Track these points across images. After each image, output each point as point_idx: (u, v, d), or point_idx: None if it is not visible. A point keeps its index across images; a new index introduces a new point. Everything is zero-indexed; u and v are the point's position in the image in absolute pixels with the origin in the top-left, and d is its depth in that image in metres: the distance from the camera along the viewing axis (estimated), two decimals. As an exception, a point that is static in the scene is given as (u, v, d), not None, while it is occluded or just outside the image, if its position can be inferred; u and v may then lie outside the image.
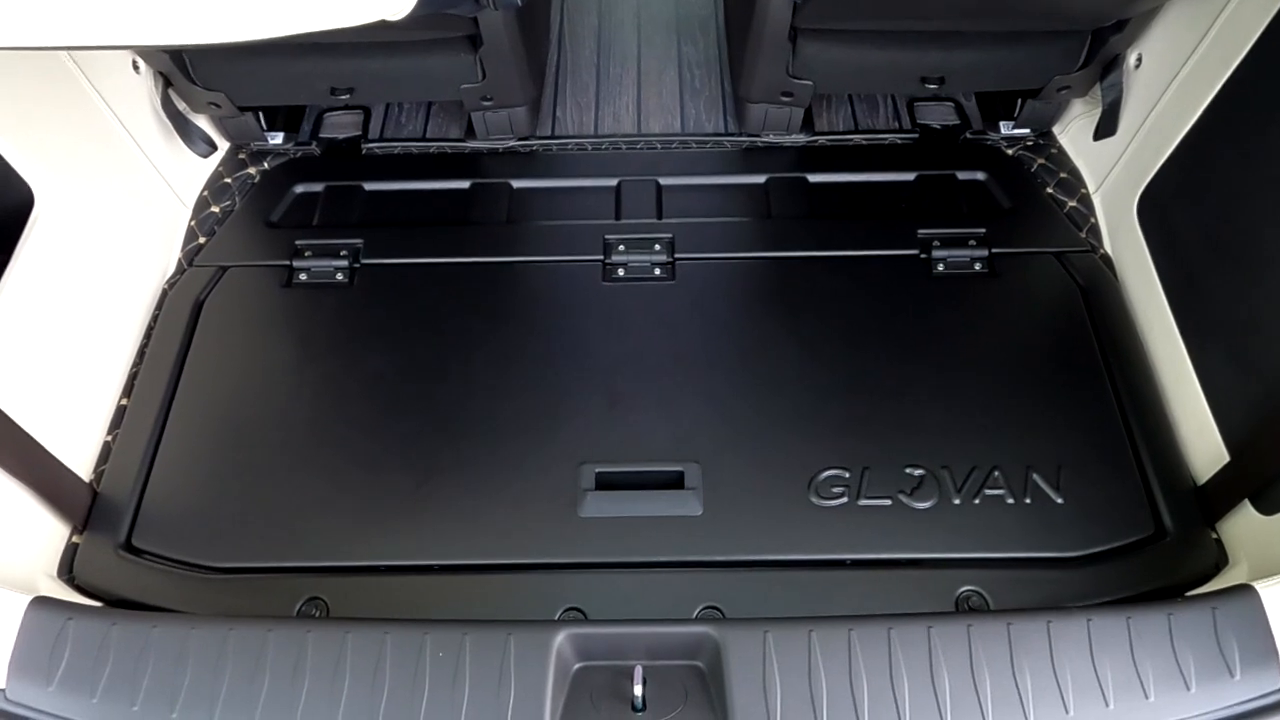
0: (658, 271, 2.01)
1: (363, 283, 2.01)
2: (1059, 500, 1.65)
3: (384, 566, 1.62)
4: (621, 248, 2.03)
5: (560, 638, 1.33)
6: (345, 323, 1.94)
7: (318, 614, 1.56)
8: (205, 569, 1.61)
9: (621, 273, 2.01)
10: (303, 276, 2.02)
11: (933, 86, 2.10)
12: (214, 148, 2.21)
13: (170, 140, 2.14)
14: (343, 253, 2.03)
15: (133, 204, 2.01)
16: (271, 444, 1.76)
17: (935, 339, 1.88)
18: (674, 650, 1.36)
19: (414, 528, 1.66)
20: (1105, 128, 2.05)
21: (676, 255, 2.03)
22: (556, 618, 1.53)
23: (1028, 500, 1.66)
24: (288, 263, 2.03)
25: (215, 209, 2.18)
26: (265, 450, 1.75)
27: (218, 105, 2.11)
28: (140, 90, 2.07)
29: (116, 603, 1.57)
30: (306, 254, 2.04)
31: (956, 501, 1.65)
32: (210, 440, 1.78)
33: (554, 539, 1.62)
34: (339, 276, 2.01)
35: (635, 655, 1.35)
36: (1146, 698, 1.29)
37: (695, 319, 1.93)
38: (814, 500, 1.66)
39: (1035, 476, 1.68)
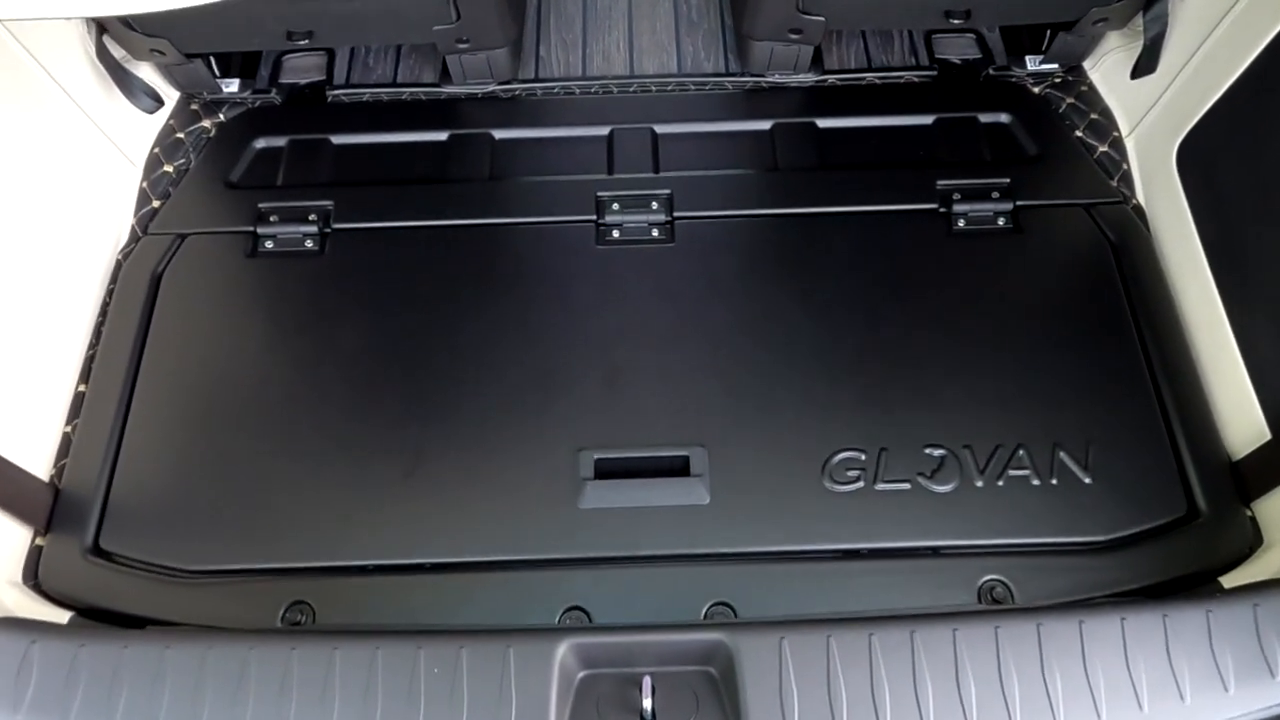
0: (655, 233, 1.86)
1: (334, 250, 1.86)
2: (1087, 480, 1.57)
3: (372, 566, 1.53)
4: (616, 206, 1.88)
5: (563, 648, 1.26)
6: (317, 295, 1.80)
7: (303, 619, 1.48)
8: (180, 572, 1.52)
9: (616, 234, 1.86)
10: (269, 245, 1.86)
11: (957, 21, 1.91)
12: (160, 102, 2.00)
13: (111, 92, 1.93)
14: (311, 217, 1.87)
15: (73, 166, 1.82)
16: (245, 432, 1.65)
17: (956, 304, 1.76)
18: (684, 657, 1.30)
19: (403, 523, 1.56)
20: (1145, 64, 1.87)
21: (675, 214, 1.88)
22: (558, 619, 1.46)
23: (1054, 481, 1.57)
24: (251, 229, 1.87)
25: (169, 168, 1.99)
26: (239, 439, 1.64)
27: (161, 53, 1.90)
28: (70, 37, 1.84)
29: (87, 610, 1.48)
30: (271, 219, 1.88)
31: (979, 484, 1.57)
32: (178, 429, 1.66)
33: (552, 533, 1.53)
34: (308, 244, 1.85)
35: (643, 662, 1.28)
36: (1182, 700, 1.23)
37: (696, 285, 1.80)
38: (828, 485, 1.57)
39: (1062, 455, 1.58)
